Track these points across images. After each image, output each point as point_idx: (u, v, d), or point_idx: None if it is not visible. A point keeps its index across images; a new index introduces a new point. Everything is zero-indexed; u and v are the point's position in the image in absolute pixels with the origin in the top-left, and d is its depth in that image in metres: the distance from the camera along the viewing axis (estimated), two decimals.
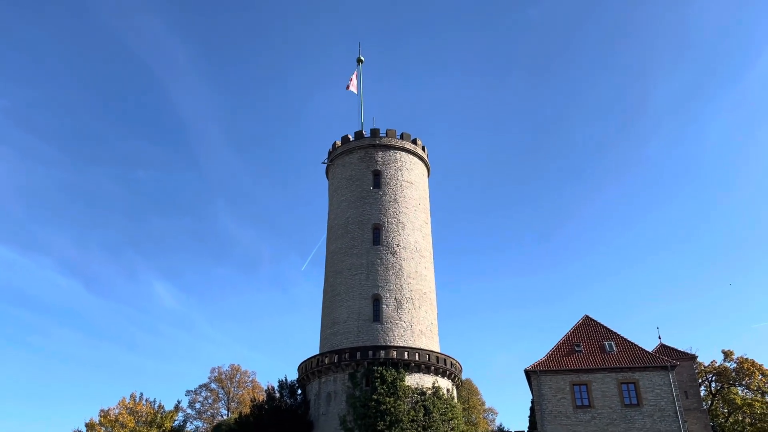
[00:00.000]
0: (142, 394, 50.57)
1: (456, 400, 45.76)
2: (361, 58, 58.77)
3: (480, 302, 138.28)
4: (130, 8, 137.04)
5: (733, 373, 67.03)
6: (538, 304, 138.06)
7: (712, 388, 69.34)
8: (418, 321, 46.25)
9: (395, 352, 42.57)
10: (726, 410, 66.21)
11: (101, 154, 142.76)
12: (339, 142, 54.46)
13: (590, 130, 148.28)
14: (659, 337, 62.14)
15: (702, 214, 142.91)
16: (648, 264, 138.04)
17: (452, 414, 42.70)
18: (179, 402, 53.42)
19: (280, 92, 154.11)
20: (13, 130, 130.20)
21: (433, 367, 43.47)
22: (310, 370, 44.96)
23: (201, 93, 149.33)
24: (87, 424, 48.21)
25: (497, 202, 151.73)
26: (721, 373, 67.90)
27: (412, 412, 40.73)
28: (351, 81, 56.59)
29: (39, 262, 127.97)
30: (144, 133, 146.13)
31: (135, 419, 47.84)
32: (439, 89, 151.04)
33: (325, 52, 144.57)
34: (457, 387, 47.52)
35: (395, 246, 48.32)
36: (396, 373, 41.82)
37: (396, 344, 44.00)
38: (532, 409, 53.03)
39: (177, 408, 52.45)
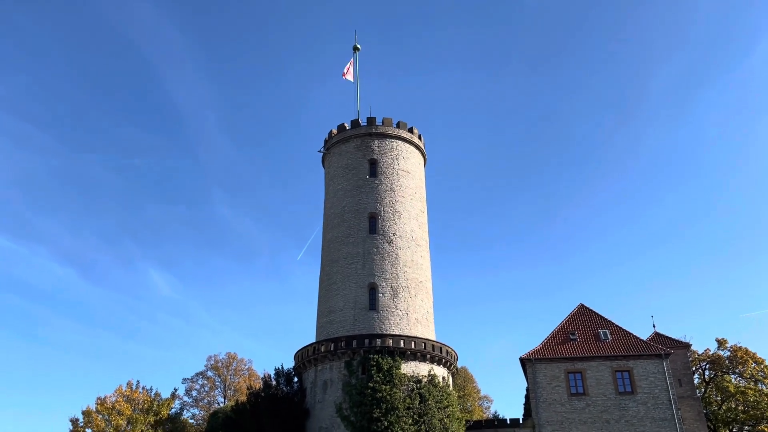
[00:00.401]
0: (138, 382, 50.73)
1: (451, 387, 45.99)
2: (358, 46, 58.49)
3: (476, 291, 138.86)
4: None
5: (727, 362, 67.46)
6: (533, 293, 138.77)
7: (706, 376, 69.83)
8: (414, 309, 46.39)
9: (391, 341, 42.72)
10: (719, 398, 66.74)
11: (97, 142, 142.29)
12: (335, 131, 54.30)
13: (588, 123, 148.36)
14: (654, 326, 62.65)
15: (697, 206, 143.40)
16: (643, 254, 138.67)
17: (448, 402, 42.94)
18: (176, 390, 53.63)
19: (276, 81, 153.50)
20: (7, 118, 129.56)
21: (428, 356, 43.66)
22: (306, 358, 45.11)
23: (197, 81, 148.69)
24: (84, 412, 48.30)
25: (494, 192, 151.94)
26: (714, 362, 68.35)
27: (408, 400, 40.94)
28: (347, 69, 56.33)
29: (34, 250, 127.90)
30: (140, 121, 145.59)
31: (132, 407, 47.98)
32: (436, 78, 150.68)
33: (321, 40, 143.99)
34: (453, 375, 47.75)
35: (391, 235, 48.35)
36: (392, 361, 41.99)
37: (392, 333, 44.14)
38: (527, 397, 53.39)
39: (174, 396, 52.61)
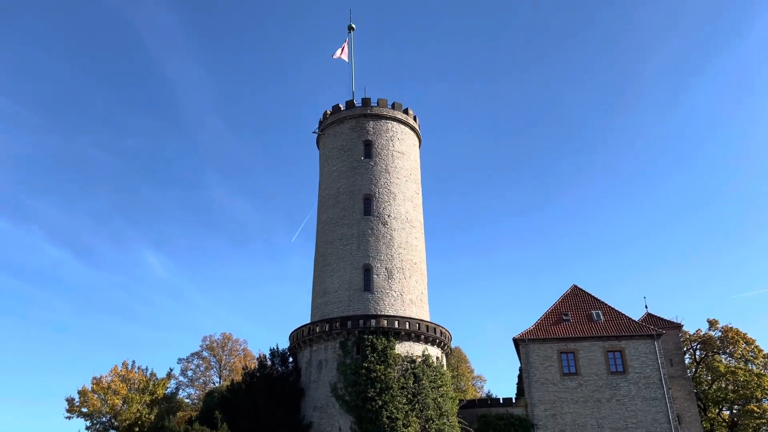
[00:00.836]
0: (134, 362, 50.87)
1: (445, 367, 46.40)
2: (353, 25, 57.97)
3: (470, 273, 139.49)
4: None
5: (718, 342, 68.17)
6: (527, 275, 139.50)
7: (697, 356, 70.60)
8: (408, 290, 46.62)
9: (386, 321, 42.99)
10: (710, 377, 67.58)
11: (90, 123, 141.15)
12: (330, 112, 54.07)
13: (584, 105, 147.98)
14: (646, 307, 63.10)
15: (690, 190, 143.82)
16: (637, 236, 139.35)
17: (441, 381, 43.36)
18: (171, 370, 53.72)
19: (271, 61, 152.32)
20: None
21: (423, 336, 43.97)
22: (301, 338, 45.38)
23: (191, 62, 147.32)
24: (80, 392, 48.48)
25: (488, 174, 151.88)
26: (705, 342, 69.06)
27: (402, 380, 41.33)
28: (342, 49, 55.89)
29: (28, 231, 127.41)
30: (132, 101, 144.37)
31: (127, 387, 48.20)
32: (432, 58, 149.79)
33: (316, 19, 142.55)
34: (447, 355, 48.15)
35: (386, 216, 48.41)
36: (386, 342, 42.30)
37: (386, 313, 44.40)
38: (519, 377, 53.91)
39: (169, 375, 52.79)
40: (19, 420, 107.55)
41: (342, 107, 53.08)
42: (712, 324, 69.47)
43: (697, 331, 70.26)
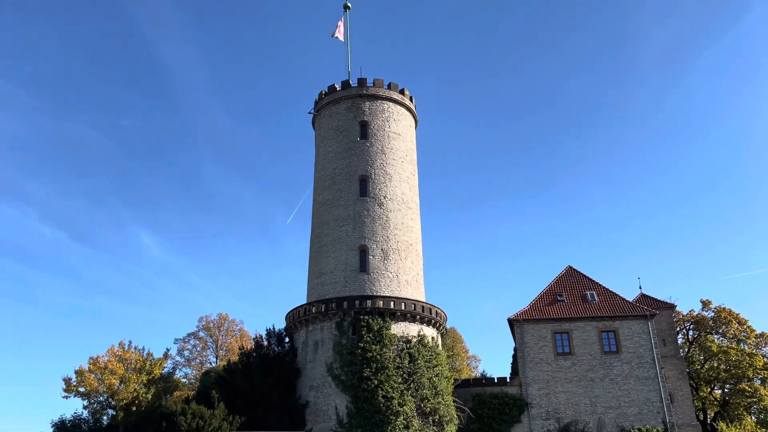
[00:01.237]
0: (131, 342, 50.99)
1: (440, 347, 46.75)
2: (348, 4, 57.38)
3: (466, 254, 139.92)
4: None
5: (711, 322, 68.72)
6: (522, 256, 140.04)
7: (690, 336, 71.23)
8: (404, 271, 46.79)
9: (381, 302, 43.19)
10: (702, 357, 68.26)
11: (83, 103, 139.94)
12: (325, 92, 53.74)
13: (581, 84, 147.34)
14: (640, 287, 63.42)
15: (684, 173, 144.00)
16: (632, 217, 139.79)
17: (437, 361, 43.70)
18: (168, 350, 53.95)
19: (267, 40, 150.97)
20: None
21: (418, 316, 44.22)
22: (297, 319, 45.58)
23: (185, 41, 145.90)
24: (77, 372, 48.64)
25: (484, 155, 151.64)
26: (698, 322, 69.61)
27: (398, 360, 41.64)
28: (337, 28, 55.41)
29: (22, 211, 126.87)
30: (126, 80, 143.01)
31: (124, 366, 48.37)
32: (429, 38, 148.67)
33: None
34: (442, 335, 48.47)
35: (382, 197, 48.40)
36: (382, 322, 42.54)
37: (382, 294, 44.59)
38: (514, 357, 54.40)
39: (166, 356, 52.99)
40: (17, 400, 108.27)
41: (338, 87, 52.78)
42: (705, 304, 69.99)
43: (690, 312, 70.79)
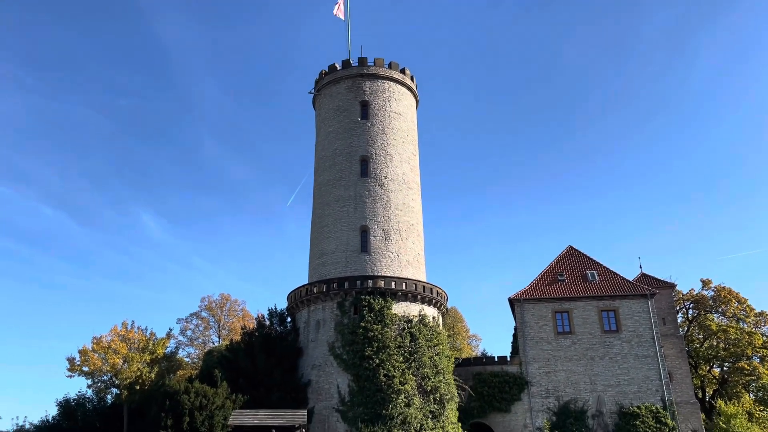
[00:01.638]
0: (134, 322, 51.21)
1: (441, 327, 47.02)
2: None
3: (467, 234, 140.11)
4: None
5: (710, 301, 69.07)
6: (523, 236, 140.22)
7: (689, 315, 71.60)
8: (405, 252, 46.90)
9: (383, 282, 43.38)
10: (701, 336, 68.70)
11: (82, 83, 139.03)
12: (325, 72, 53.38)
13: (582, 65, 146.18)
14: (640, 267, 63.55)
15: (684, 151, 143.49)
16: (632, 197, 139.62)
17: (437, 340, 44.00)
18: (171, 330, 54.17)
19: (266, 19, 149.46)
20: None
21: (419, 296, 44.44)
22: (299, 298, 45.82)
23: (184, 20, 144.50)
24: (80, 351, 48.96)
25: (486, 136, 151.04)
26: (698, 301, 69.94)
27: (399, 339, 41.94)
28: (338, 6, 54.83)
29: (23, 193, 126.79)
30: (125, 60, 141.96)
31: (127, 346, 48.69)
32: (430, 18, 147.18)
33: None
34: (443, 315, 48.73)
35: (383, 178, 48.35)
36: (383, 302, 42.76)
37: (383, 274, 44.77)
38: (514, 336, 54.73)
39: (169, 335, 53.19)
40: (21, 380, 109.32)
41: (338, 67, 52.42)
42: (705, 284, 70.25)
43: (690, 291, 71.08)
